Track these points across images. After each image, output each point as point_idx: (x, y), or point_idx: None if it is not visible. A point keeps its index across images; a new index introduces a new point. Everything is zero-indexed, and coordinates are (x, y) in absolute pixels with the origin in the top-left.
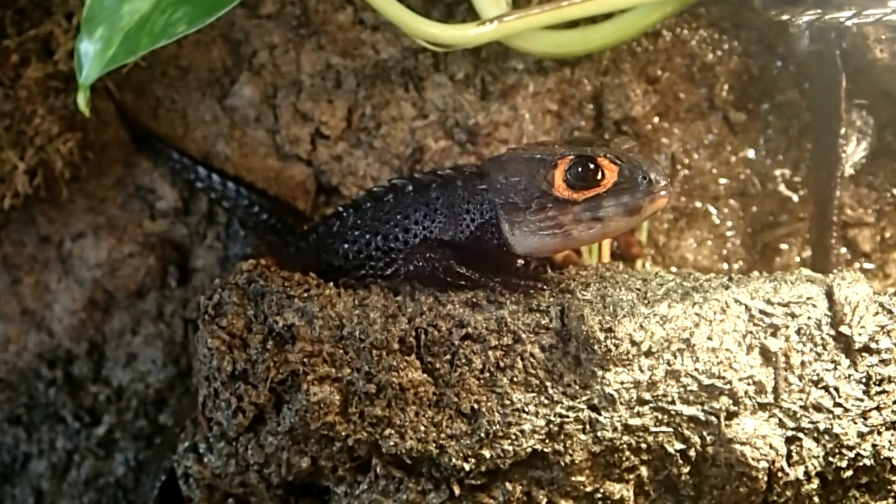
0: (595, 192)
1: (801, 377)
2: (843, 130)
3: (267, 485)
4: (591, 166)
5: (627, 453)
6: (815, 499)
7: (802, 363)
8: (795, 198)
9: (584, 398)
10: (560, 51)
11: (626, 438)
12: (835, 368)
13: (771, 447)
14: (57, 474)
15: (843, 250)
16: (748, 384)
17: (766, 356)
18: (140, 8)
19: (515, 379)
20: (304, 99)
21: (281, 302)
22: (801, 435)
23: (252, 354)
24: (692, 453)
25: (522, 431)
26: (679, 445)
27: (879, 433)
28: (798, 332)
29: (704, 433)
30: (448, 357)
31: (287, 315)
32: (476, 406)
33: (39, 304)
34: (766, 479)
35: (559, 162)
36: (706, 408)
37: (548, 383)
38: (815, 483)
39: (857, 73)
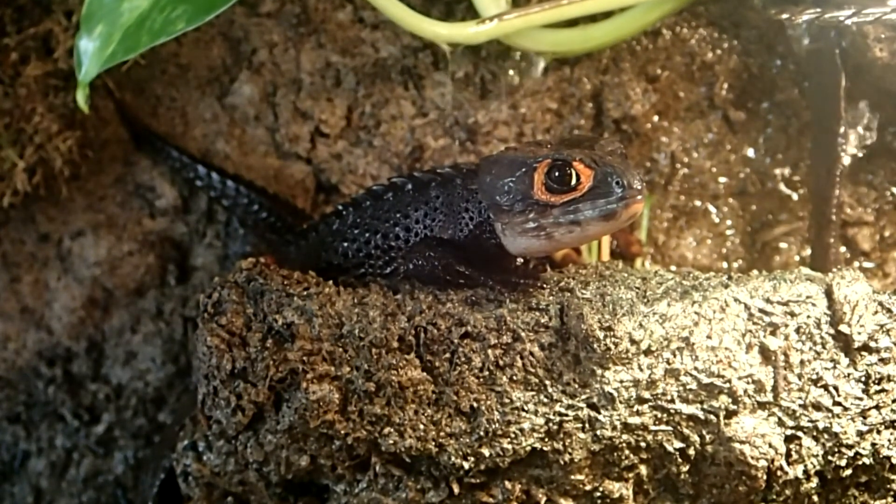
0: (572, 197)
1: (800, 376)
2: (842, 129)
3: (266, 483)
4: (568, 170)
5: (627, 452)
6: (815, 497)
7: (802, 362)
8: (795, 196)
9: (583, 397)
10: (560, 49)
11: (625, 437)
12: (834, 367)
13: (770, 446)
14: (56, 472)
15: (843, 249)
16: (747, 383)
17: (766, 355)
18: (139, 5)
19: (515, 377)
20: (304, 97)
21: (280, 300)
22: (800, 434)
23: (251, 353)
24: (691, 452)
25: (522, 430)
26: (678, 444)
27: (878, 432)
28: (797, 330)
29: (704, 432)
30: (447, 355)
31: (286, 313)
32: (475, 404)
33: (39, 302)
34: (765, 477)
35: (538, 165)
36: (705, 406)
37: (547, 382)
38: (815, 482)
39: (856, 72)
